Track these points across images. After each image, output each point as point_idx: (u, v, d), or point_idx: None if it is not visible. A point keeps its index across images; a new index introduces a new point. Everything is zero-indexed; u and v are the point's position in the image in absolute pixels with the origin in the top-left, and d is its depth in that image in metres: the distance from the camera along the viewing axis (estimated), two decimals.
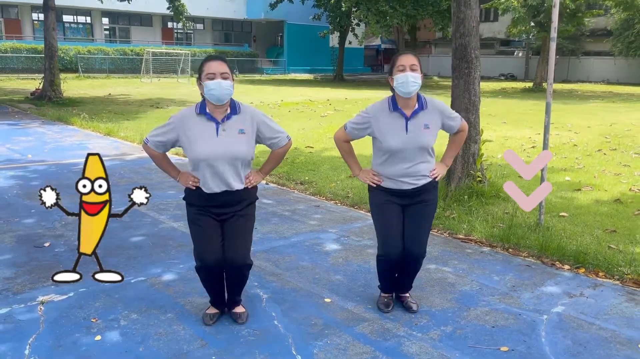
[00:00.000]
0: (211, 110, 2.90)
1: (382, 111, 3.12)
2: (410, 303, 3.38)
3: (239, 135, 2.91)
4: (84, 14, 34.42)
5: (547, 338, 3.06)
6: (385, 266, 3.25)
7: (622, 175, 7.35)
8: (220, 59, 2.88)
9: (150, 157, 3.07)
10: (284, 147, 3.12)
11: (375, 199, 3.22)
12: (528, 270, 4.10)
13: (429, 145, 3.12)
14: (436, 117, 3.14)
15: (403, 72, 2.99)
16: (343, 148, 3.32)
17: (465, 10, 5.68)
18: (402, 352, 2.88)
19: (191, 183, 2.94)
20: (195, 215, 2.97)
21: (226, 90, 2.83)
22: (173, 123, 2.93)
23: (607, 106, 18.30)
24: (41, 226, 4.81)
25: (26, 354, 2.76)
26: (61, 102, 15.55)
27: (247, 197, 3.03)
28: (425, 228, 3.22)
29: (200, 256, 2.97)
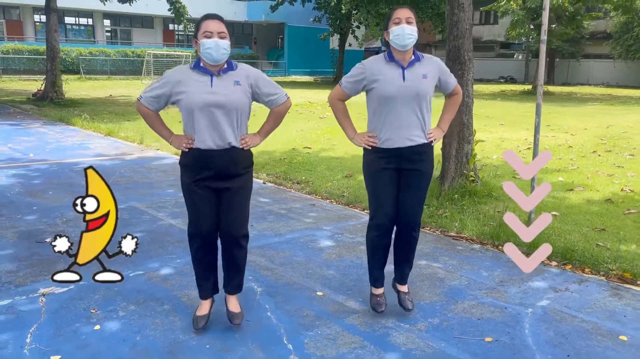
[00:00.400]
0: (205, 65, 2.83)
1: (378, 61, 3.08)
2: (407, 300, 3.29)
3: (234, 85, 2.82)
4: (85, 15, 34.61)
5: (530, 330, 3.17)
6: (376, 234, 3.17)
7: (615, 176, 7.46)
8: (218, 17, 2.82)
9: (142, 115, 2.98)
10: (282, 104, 3.00)
11: (370, 165, 3.14)
12: (516, 266, 4.19)
13: (426, 94, 3.03)
14: (433, 69, 3.09)
15: (399, 24, 2.95)
16: (338, 108, 3.22)
17: (458, 13, 5.80)
18: (390, 342, 2.99)
19: (185, 144, 2.87)
20: (191, 184, 2.89)
21: (223, 50, 2.76)
22: (166, 78, 2.87)
23: (605, 108, 18.41)
24: (42, 223, 4.93)
25: (27, 343, 2.87)
26: (63, 103, 15.69)
27: (243, 160, 2.92)
28: (420, 196, 3.18)
29: (194, 223, 2.92)
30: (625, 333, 3.15)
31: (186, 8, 20.29)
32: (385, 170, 3.09)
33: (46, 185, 6.31)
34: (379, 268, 3.31)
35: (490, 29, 40.38)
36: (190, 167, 2.89)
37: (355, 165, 7.79)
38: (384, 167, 3.09)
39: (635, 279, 3.90)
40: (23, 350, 2.80)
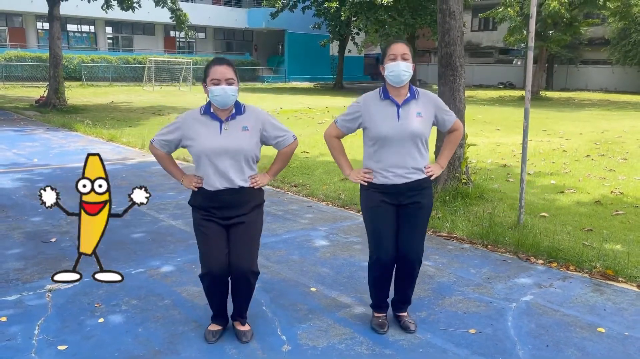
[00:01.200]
0: (215, 111, 2.92)
1: (373, 99, 3.08)
2: (408, 323, 3.22)
3: (242, 131, 2.89)
4: (87, 23, 34.94)
5: (513, 323, 3.33)
6: (379, 271, 3.11)
7: (606, 179, 7.63)
8: (226, 63, 2.88)
9: (155, 157, 3.08)
10: (290, 145, 3.06)
11: (368, 201, 3.10)
12: (504, 264, 4.37)
13: (421, 134, 3.00)
14: (429, 107, 3.07)
15: (394, 60, 2.95)
16: (333, 145, 3.22)
17: (450, 21, 5.99)
18: (379, 333, 3.15)
19: (194, 184, 2.93)
20: (201, 221, 2.94)
21: (231, 96, 2.84)
22: (178, 123, 2.96)
23: (601, 113, 18.59)
24: (48, 224, 5.10)
25: (35, 334, 3.04)
26: (65, 109, 15.91)
27: (252, 199, 2.97)
28: (420, 232, 3.11)
29: (205, 263, 2.93)
30: (604, 326, 3.30)
31: (187, 15, 20.52)
32: (384, 204, 3.04)
33: None
34: (381, 298, 3.24)
35: (489, 35, 40.67)
36: (200, 206, 2.96)
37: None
38: (382, 200, 3.05)
39: (617, 276, 4.06)
40: (32, 341, 2.97)
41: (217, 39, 41.20)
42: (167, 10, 20.13)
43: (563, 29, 25.69)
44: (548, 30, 25.44)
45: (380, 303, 3.24)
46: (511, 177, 7.67)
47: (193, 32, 36.61)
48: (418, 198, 3.06)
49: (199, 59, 35.48)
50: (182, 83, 30.70)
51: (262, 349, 2.95)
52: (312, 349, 2.95)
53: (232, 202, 2.92)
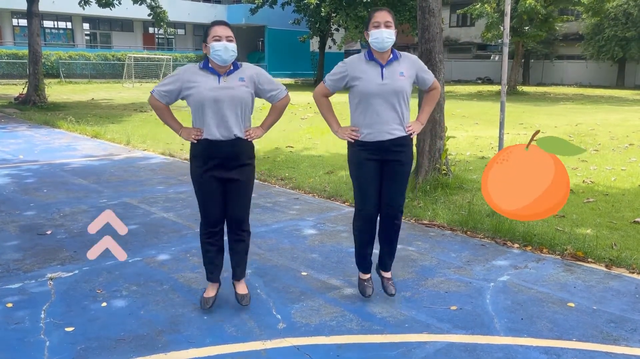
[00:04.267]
0: (214, 66, 3.11)
1: (358, 61, 3.30)
2: (390, 286, 3.51)
3: (239, 82, 3.11)
4: (64, 19, 34.50)
5: (490, 299, 3.59)
6: (362, 222, 3.38)
7: (579, 169, 7.98)
8: (225, 23, 3.11)
9: (154, 109, 3.22)
10: (282, 99, 3.27)
11: (354, 157, 3.35)
12: (482, 248, 4.64)
13: (403, 90, 3.23)
14: (410, 67, 3.30)
15: (378, 28, 3.16)
16: (322, 103, 3.43)
17: (429, 18, 6.23)
18: (367, 311, 3.38)
19: (193, 136, 3.12)
20: (200, 176, 3.18)
21: (232, 52, 3.05)
22: (178, 74, 3.13)
23: (576, 107, 19.13)
24: (41, 218, 5.21)
25: (42, 318, 3.20)
26: (46, 107, 15.81)
27: (247, 150, 3.21)
28: (402, 185, 3.38)
29: (204, 213, 3.25)
30: (574, 301, 3.58)
31: (166, 12, 20.50)
32: (369, 161, 3.30)
33: (40, 184, 6.57)
34: (365, 255, 3.51)
35: (467, 31, 41.24)
36: (199, 157, 3.17)
37: (336, 162, 8.19)
38: (367, 158, 3.29)
39: (587, 257, 4.35)
40: (39, 324, 3.12)
41: (196, 35, 41.01)
42: (145, 7, 20.08)
43: (538, 24, 26.27)
44: (524, 26, 25.99)
45: (364, 259, 3.51)
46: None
47: (172, 28, 36.41)
48: (399, 156, 3.32)
49: (178, 55, 35.35)
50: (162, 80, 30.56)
51: (259, 327, 3.15)
52: (305, 326, 3.17)
53: (229, 153, 3.13)
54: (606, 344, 3.03)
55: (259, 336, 3.05)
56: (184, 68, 3.17)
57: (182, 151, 8.87)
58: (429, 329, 3.17)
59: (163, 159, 8.56)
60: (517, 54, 28.29)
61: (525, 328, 3.20)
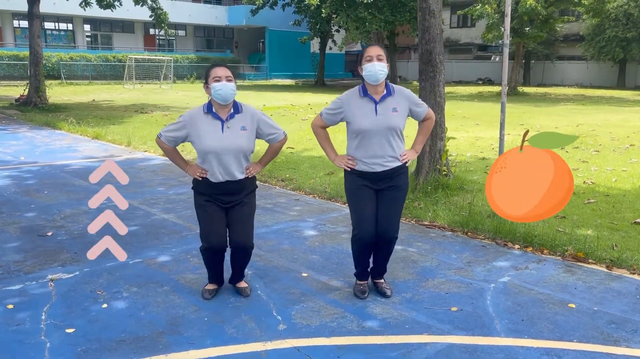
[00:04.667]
0: (217, 110, 3.32)
1: (353, 97, 3.44)
2: (385, 289, 3.66)
3: (241, 131, 3.33)
4: (65, 20, 34.53)
5: (491, 301, 3.58)
6: (360, 246, 3.49)
7: (579, 170, 7.97)
8: (224, 65, 3.35)
9: (162, 150, 3.47)
10: (280, 141, 3.53)
11: (351, 184, 3.49)
12: (483, 249, 4.63)
13: (397, 126, 3.37)
14: (403, 102, 3.43)
15: (370, 61, 3.30)
16: (320, 134, 3.60)
17: (429, 19, 6.23)
18: (367, 312, 3.38)
19: (199, 174, 3.34)
20: (203, 202, 3.38)
21: (231, 91, 3.27)
22: (183, 122, 3.34)
23: (576, 108, 19.12)
24: (42, 219, 5.22)
25: (43, 319, 3.20)
26: (47, 108, 15.81)
27: (248, 186, 3.45)
28: (397, 211, 3.50)
29: (206, 239, 3.37)
30: (574, 302, 3.58)
31: (167, 14, 20.49)
32: (365, 187, 3.44)
33: (40, 185, 6.58)
34: (363, 267, 3.65)
35: (467, 32, 41.24)
36: (202, 193, 3.40)
37: None
38: (363, 184, 3.44)
39: (587, 258, 4.35)
40: (40, 325, 3.13)
41: (197, 37, 41.03)
42: (146, 8, 20.09)
43: (539, 25, 26.26)
44: (524, 27, 25.99)
45: (362, 271, 3.67)
46: (490, 169, 7.96)
47: (173, 30, 36.43)
48: (394, 182, 3.46)
49: (179, 56, 35.37)
50: (163, 81, 30.59)
51: (259, 328, 3.16)
52: (305, 328, 3.17)
53: (231, 190, 3.38)
54: (607, 345, 3.03)
55: (259, 337, 3.05)
56: (189, 115, 3.37)
57: (182, 152, 8.87)
58: (430, 331, 3.16)
59: (164, 160, 8.56)
60: (517, 55, 28.29)
61: (525, 329, 3.20)
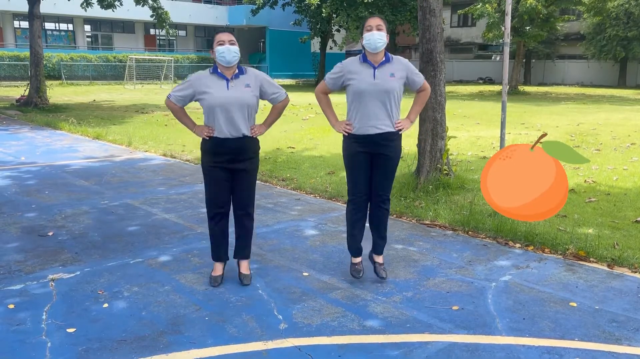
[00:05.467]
0: (222, 71, 3.52)
1: (354, 62, 3.64)
2: (381, 270, 3.85)
3: (245, 87, 3.53)
4: (66, 21, 34.55)
5: (492, 299, 3.58)
6: (354, 207, 3.74)
7: (580, 169, 7.96)
8: (227, 31, 3.56)
9: (171, 110, 3.64)
10: (282, 101, 3.72)
11: (348, 149, 3.70)
12: (484, 248, 4.63)
13: (393, 89, 3.55)
14: (401, 69, 3.61)
15: (370, 31, 3.50)
16: (322, 100, 3.81)
17: (430, 18, 6.23)
18: (368, 311, 3.38)
19: (206, 133, 3.53)
20: (210, 168, 3.59)
21: (234, 54, 3.46)
22: (190, 81, 3.55)
23: (577, 107, 19.10)
24: (43, 219, 5.22)
25: (44, 319, 3.20)
26: (47, 109, 15.83)
27: (253, 146, 3.64)
28: (389, 176, 3.72)
29: (212, 202, 3.63)
30: (576, 301, 3.57)
31: (168, 14, 20.50)
32: (360, 154, 3.64)
33: (41, 185, 6.58)
34: (357, 240, 3.83)
35: (468, 31, 41.22)
36: (210, 152, 3.58)
37: (337, 163, 8.18)
38: (359, 150, 3.63)
39: (589, 256, 4.34)
40: (41, 325, 3.13)
41: (197, 37, 41.05)
42: (147, 8, 20.09)
43: (540, 24, 26.24)
44: (525, 26, 25.96)
45: (356, 245, 3.84)
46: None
47: (174, 30, 36.43)
48: (387, 150, 3.64)
49: (180, 56, 35.39)
50: (163, 81, 30.59)
51: (260, 328, 3.15)
52: (307, 327, 3.16)
53: (236, 148, 3.56)
54: (608, 344, 3.02)
55: (260, 336, 3.05)
56: (196, 75, 3.58)
57: (183, 152, 8.88)
58: (431, 330, 3.16)
59: (164, 160, 8.57)
60: (518, 54, 28.27)
61: (527, 327, 3.19)
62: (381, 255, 3.93)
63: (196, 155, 7.76)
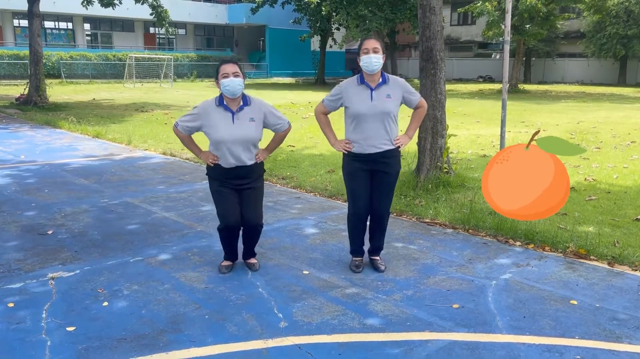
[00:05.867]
0: (227, 102, 3.65)
1: (351, 84, 3.77)
2: (379, 264, 4.00)
3: (250, 122, 3.67)
4: (65, 19, 34.50)
5: (493, 298, 3.57)
6: (354, 222, 3.89)
7: (581, 167, 7.96)
8: (232, 61, 3.66)
9: (178, 137, 3.79)
10: (285, 130, 3.88)
11: (348, 166, 3.82)
12: (484, 246, 4.62)
13: (390, 112, 3.68)
14: (397, 90, 3.74)
15: (367, 54, 3.61)
16: (322, 120, 3.93)
17: (430, 16, 6.22)
18: (369, 310, 3.37)
19: (211, 160, 3.69)
20: (218, 187, 3.73)
21: (238, 86, 3.58)
22: (198, 113, 3.68)
23: (577, 105, 19.09)
24: (42, 218, 5.21)
25: (44, 318, 3.19)
26: (47, 107, 15.82)
27: (257, 170, 3.81)
28: (389, 193, 3.85)
29: (224, 219, 3.75)
30: (576, 299, 3.57)
31: (168, 12, 20.48)
32: (360, 170, 3.76)
33: (41, 184, 6.57)
34: (358, 244, 4.02)
35: (468, 30, 41.17)
36: (216, 178, 3.76)
37: (337, 161, 8.16)
38: (359, 168, 3.75)
39: (589, 254, 4.34)
40: (40, 323, 3.12)
41: (197, 35, 41.00)
42: (146, 7, 20.07)
43: (539, 22, 26.20)
44: (525, 25, 25.93)
45: (357, 248, 4.00)
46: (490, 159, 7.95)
47: (173, 28, 36.39)
48: (387, 167, 3.77)
49: (179, 55, 35.34)
50: (163, 80, 30.57)
51: (260, 326, 3.15)
52: (307, 325, 3.16)
53: (241, 174, 3.73)
54: (609, 341, 3.02)
55: (260, 335, 3.05)
56: (202, 107, 3.71)
57: (182, 150, 8.87)
58: (431, 328, 3.16)
59: (164, 159, 8.56)
60: (518, 52, 28.23)
61: (527, 326, 3.19)
62: (378, 256, 4.10)
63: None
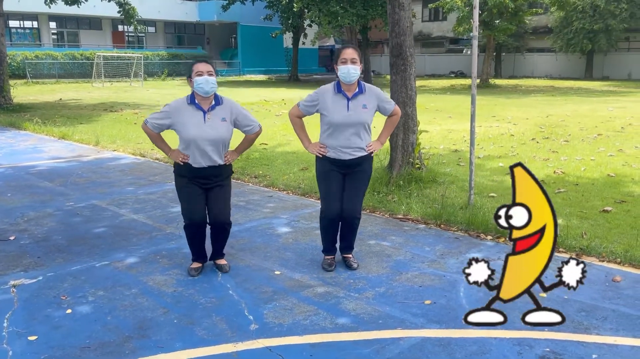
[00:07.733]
0: (199, 101, 3.62)
1: (328, 92, 3.77)
2: (352, 262, 4.01)
3: (221, 122, 3.64)
4: (30, 18, 33.57)
5: (464, 293, 3.58)
6: (326, 223, 3.88)
7: (550, 160, 8.08)
8: (205, 61, 3.66)
9: (147, 135, 3.75)
10: (255, 133, 3.86)
11: (321, 168, 3.85)
12: (456, 241, 4.64)
13: (366, 122, 3.73)
14: (373, 100, 3.78)
15: (345, 64, 3.62)
16: (296, 123, 3.93)
17: (399, 12, 6.21)
18: (341, 309, 3.34)
19: (181, 159, 3.65)
20: (185, 184, 3.69)
21: (212, 85, 3.57)
22: (169, 111, 3.65)
23: (546, 99, 19.44)
24: (4, 223, 5.03)
25: (5, 327, 3.07)
26: (11, 109, 15.34)
27: (226, 170, 3.79)
28: (360, 192, 3.87)
29: (189, 216, 3.69)
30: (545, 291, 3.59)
31: (136, 9, 20.08)
32: (333, 172, 3.80)
33: (3, 188, 6.35)
34: (330, 244, 4.03)
35: (439, 25, 41.52)
36: (183, 176, 3.71)
37: (310, 159, 8.11)
38: (332, 169, 3.79)
39: (558, 246, 4.38)
40: (2, 333, 3.00)
41: (167, 33, 40.37)
42: (113, 4, 19.65)
43: (508, 18, 26.57)
44: (494, 20, 26.26)
45: (329, 247, 4.01)
46: (462, 161, 8.01)
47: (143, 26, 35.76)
48: (360, 169, 3.83)
49: (149, 53, 34.74)
50: (133, 79, 30.02)
51: (230, 329, 3.08)
52: (278, 327, 3.11)
53: (211, 174, 3.70)
54: (577, 333, 3.05)
55: (230, 338, 2.98)
56: (173, 106, 3.66)
57: (152, 150, 8.70)
58: (403, 325, 3.14)
59: (134, 159, 8.38)
60: (488, 48, 28.60)
61: None
62: (351, 254, 4.09)
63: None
